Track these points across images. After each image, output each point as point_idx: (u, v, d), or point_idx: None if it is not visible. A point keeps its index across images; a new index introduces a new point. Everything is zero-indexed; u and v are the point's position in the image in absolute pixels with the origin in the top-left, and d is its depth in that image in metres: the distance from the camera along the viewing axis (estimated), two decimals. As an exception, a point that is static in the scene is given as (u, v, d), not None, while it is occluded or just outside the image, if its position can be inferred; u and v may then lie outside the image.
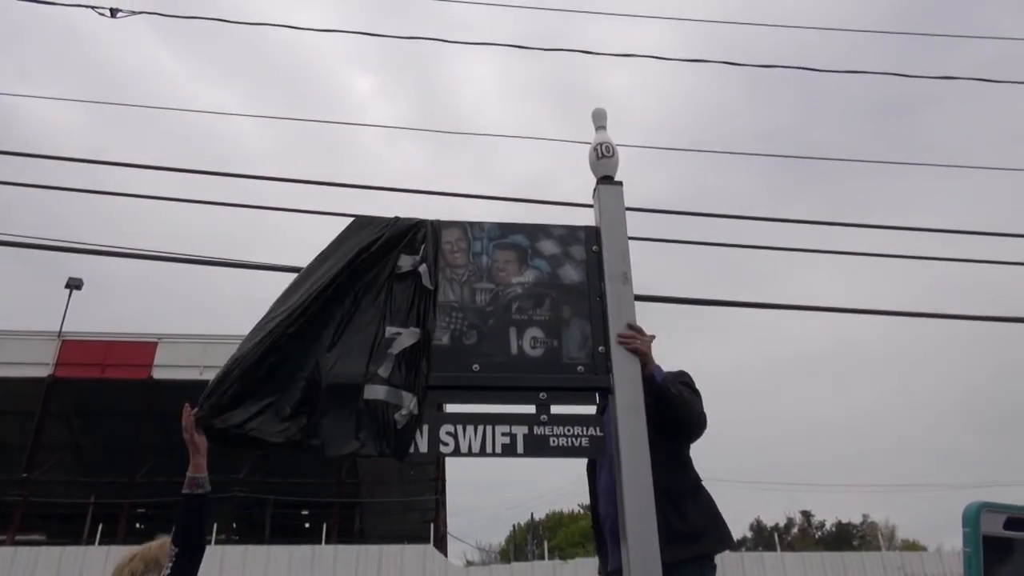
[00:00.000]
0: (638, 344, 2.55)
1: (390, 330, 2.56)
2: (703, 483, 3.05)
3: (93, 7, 5.72)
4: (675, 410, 2.82)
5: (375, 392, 2.46)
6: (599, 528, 3.13)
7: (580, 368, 2.59)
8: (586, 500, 3.60)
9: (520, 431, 2.47)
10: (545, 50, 6.88)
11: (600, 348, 2.61)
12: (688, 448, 3.03)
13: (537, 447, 2.47)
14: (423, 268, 2.67)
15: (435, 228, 2.78)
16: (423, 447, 2.44)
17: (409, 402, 2.44)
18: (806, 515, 51.83)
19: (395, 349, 2.53)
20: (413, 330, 2.56)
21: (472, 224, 2.80)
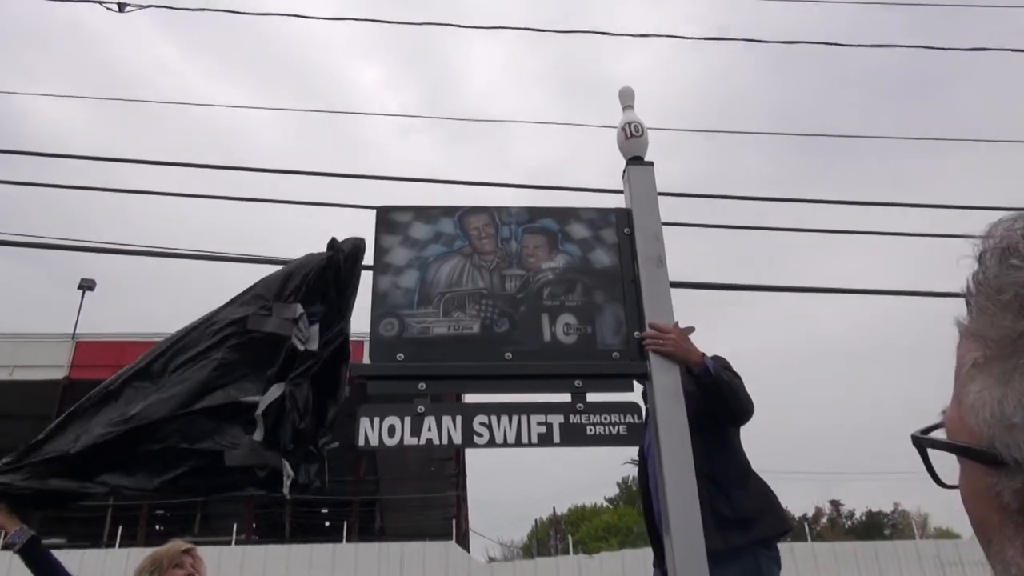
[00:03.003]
0: (667, 347, 2.44)
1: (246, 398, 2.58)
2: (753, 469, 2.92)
3: (101, 1, 5.66)
4: (727, 400, 2.70)
5: (233, 458, 2.52)
6: (654, 523, 2.91)
7: (615, 354, 2.51)
8: (610, 493, 3.45)
9: (556, 420, 2.39)
10: (561, 32, 6.76)
11: (635, 333, 2.52)
12: (737, 434, 2.92)
13: (574, 436, 2.39)
14: (283, 317, 2.65)
15: (354, 247, 2.77)
16: (457, 439, 2.36)
17: (274, 461, 2.54)
18: (835, 504, 51.24)
19: (259, 410, 2.56)
20: (276, 387, 2.58)
21: (499, 209, 2.72)
